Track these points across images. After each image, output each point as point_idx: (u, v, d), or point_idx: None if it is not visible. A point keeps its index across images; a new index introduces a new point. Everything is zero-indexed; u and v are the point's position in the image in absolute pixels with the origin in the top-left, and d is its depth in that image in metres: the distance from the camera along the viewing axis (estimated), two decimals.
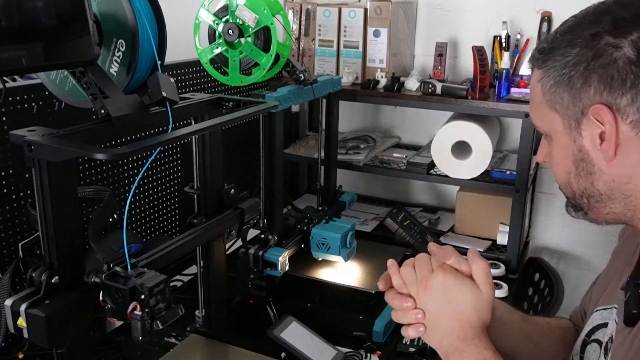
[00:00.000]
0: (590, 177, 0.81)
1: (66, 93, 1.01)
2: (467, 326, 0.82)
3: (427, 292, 0.84)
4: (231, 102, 1.20)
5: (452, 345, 0.82)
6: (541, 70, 0.81)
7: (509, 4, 1.99)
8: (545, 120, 0.83)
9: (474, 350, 0.81)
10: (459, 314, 0.83)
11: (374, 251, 1.68)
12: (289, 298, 1.48)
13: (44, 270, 0.89)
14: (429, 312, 0.84)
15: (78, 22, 0.86)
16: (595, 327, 0.91)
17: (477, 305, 0.83)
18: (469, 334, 0.82)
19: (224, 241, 1.29)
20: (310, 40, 2.06)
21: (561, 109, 0.79)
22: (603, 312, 0.91)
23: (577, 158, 0.81)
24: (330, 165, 1.75)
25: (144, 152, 1.33)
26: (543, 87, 0.80)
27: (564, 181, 0.86)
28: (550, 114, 0.81)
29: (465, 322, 0.82)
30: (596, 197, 0.83)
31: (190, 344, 1.26)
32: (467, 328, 0.82)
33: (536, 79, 0.83)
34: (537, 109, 0.84)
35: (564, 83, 0.78)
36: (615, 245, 1.03)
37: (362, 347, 1.35)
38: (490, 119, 1.93)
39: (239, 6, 1.34)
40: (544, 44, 0.82)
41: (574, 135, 0.79)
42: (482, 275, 0.84)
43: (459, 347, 0.81)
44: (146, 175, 1.52)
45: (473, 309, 0.83)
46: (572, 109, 0.78)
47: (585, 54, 0.75)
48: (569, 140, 0.80)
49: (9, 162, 1.16)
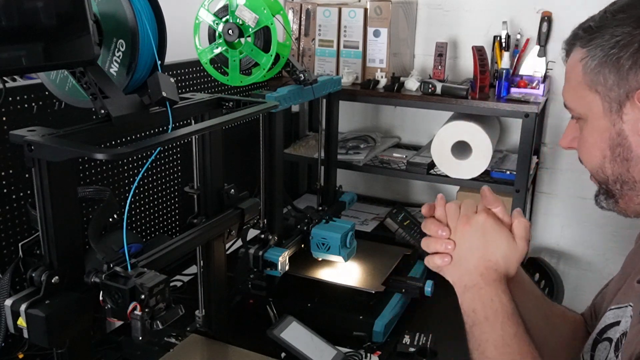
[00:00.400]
0: (626, 163, 0.79)
1: (66, 93, 1.01)
2: (492, 268, 0.84)
3: (465, 227, 0.87)
4: (231, 102, 1.20)
5: (473, 281, 0.84)
6: (585, 49, 0.78)
7: (509, 4, 1.99)
8: (582, 101, 0.81)
9: (492, 290, 0.82)
10: (488, 255, 0.85)
11: (374, 251, 1.68)
12: (289, 298, 1.48)
13: (44, 270, 0.88)
14: (460, 247, 0.86)
15: (78, 22, 0.86)
16: (607, 325, 0.91)
17: (508, 254, 0.85)
18: (492, 275, 0.84)
19: (224, 241, 1.29)
20: (310, 40, 2.06)
21: (603, 91, 0.77)
22: (616, 311, 0.90)
23: (614, 142, 0.79)
24: (330, 165, 1.75)
25: (144, 152, 1.33)
26: (585, 67, 0.78)
27: (597, 165, 0.82)
28: (590, 95, 0.79)
29: (493, 264, 0.84)
30: (630, 184, 0.80)
31: (190, 344, 1.26)
32: (492, 270, 0.84)
33: (577, 59, 0.80)
34: (573, 90, 0.82)
35: (611, 63, 0.75)
36: (628, 247, 1.01)
37: (362, 347, 1.35)
38: (490, 119, 1.93)
39: (239, 6, 1.34)
40: (590, 22, 0.79)
41: (613, 118, 0.77)
42: (521, 231, 0.87)
43: (479, 284, 0.83)
44: (146, 175, 1.52)
45: (503, 256, 0.85)
46: (616, 91, 0.76)
47: (638, 35, 0.73)
48: (607, 124, 0.78)
49: (9, 162, 1.16)
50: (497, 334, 0.79)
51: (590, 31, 0.78)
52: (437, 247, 0.89)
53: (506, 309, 0.81)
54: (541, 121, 2.01)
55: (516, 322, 0.80)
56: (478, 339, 0.81)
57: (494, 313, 0.81)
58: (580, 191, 2.05)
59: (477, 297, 0.83)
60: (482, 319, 0.81)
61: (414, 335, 1.40)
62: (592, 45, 0.77)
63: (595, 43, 0.77)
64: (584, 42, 0.79)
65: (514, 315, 0.81)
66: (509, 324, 0.80)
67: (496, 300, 0.82)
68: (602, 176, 0.83)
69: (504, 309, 0.81)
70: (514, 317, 0.81)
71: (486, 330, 0.80)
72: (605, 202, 0.85)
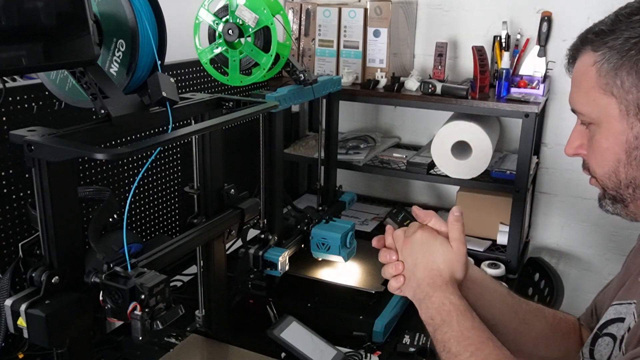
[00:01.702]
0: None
1: (66, 93, 1.01)
2: (436, 275, 0.89)
3: (406, 246, 0.93)
4: (231, 102, 1.20)
5: (423, 292, 0.89)
6: (598, 53, 0.78)
7: (509, 4, 1.99)
8: (595, 106, 0.80)
9: (441, 295, 0.87)
10: (430, 264, 0.90)
11: (374, 251, 1.67)
12: (289, 298, 1.48)
13: (44, 270, 0.88)
14: (407, 264, 0.92)
15: (78, 22, 0.86)
16: (608, 321, 0.91)
17: (446, 258, 0.90)
18: (437, 281, 0.89)
19: (224, 241, 1.29)
20: (310, 40, 2.06)
21: (619, 94, 0.77)
22: (619, 307, 0.90)
23: (631, 146, 0.78)
24: (330, 165, 1.75)
25: (144, 152, 1.33)
26: (600, 70, 0.78)
27: (610, 170, 0.81)
28: (604, 99, 0.78)
29: (435, 271, 0.89)
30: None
31: (190, 344, 1.26)
32: (436, 277, 0.89)
33: (588, 63, 0.80)
34: (585, 95, 0.81)
35: (628, 65, 0.75)
36: (628, 247, 1.02)
37: (362, 347, 1.35)
38: (490, 119, 1.93)
39: (239, 6, 1.34)
40: (601, 26, 0.79)
41: (631, 121, 0.77)
42: (454, 233, 0.92)
43: (428, 293, 0.88)
44: (146, 175, 1.52)
45: (442, 261, 0.90)
46: (634, 94, 0.76)
47: None
48: (623, 127, 0.78)
49: (9, 162, 1.16)
50: (455, 330, 0.83)
51: (602, 34, 0.78)
52: (391, 272, 0.94)
53: (458, 307, 0.85)
54: (541, 121, 2.01)
55: (470, 316, 0.85)
56: (442, 341, 0.84)
57: (448, 314, 0.85)
58: (580, 191, 2.05)
59: (431, 305, 0.87)
60: (440, 323, 0.85)
61: (414, 335, 1.40)
62: (605, 48, 0.77)
63: (610, 46, 0.77)
64: (596, 45, 0.78)
65: (467, 311, 0.85)
66: (464, 319, 0.84)
67: (447, 303, 0.86)
68: (614, 181, 0.82)
69: (455, 308, 0.85)
70: (467, 312, 0.85)
71: (446, 331, 0.84)
72: (612, 207, 0.85)
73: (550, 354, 1.03)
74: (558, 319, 1.06)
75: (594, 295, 1.07)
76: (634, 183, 0.80)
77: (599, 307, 1.02)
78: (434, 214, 0.95)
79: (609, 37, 0.77)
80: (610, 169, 0.81)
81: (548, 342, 1.03)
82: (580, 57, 0.82)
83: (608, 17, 0.80)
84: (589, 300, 1.08)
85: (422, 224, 0.95)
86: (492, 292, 1.00)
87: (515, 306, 1.02)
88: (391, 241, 0.96)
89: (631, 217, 0.85)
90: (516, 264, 1.79)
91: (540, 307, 1.06)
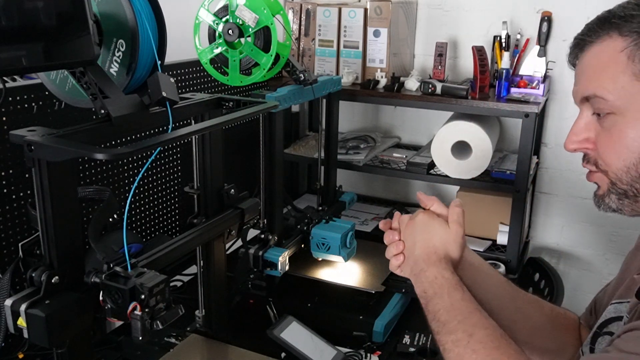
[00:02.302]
0: None
1: (66, 93, 1.01)
2: (432, 252, 0.94)
3: (408, 227, 0.99)
4: (231, 102, 1.20)
5: (419, 267, 0.94)
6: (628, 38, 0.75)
7: (509, 4, 1.99)
8: (624, 93, 0.76)
9: (434, 270, 0.92)
10: (426, 242, 0.95)
11: (374, 251, 1.68)
12: (289, 298, 1.48)
13: (44, 270, 0.88)
14: (407, 244, 0.98)
15: (78, 22, 0.86)
16: (608, 319, 0.91)
17: (442, 238, 0.95)
18: (432, 258, 0.94)
19: (224, 241, 1.29)
20: (310, 40, 2.06)
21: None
22: (618, 306, 0.90)
23: None
24: (330, 165, 1.75)
25: (144, 152, 1.33)
26: (632, 56, 0.75)
27: (630, 164, 0.78)
28: (634, 87, 0.75)
29: (431, 249, 0.95)
30: None
31: (190, 344, 1.26)
32: (431, 254, 0.94)
33: (616, 48, 0.76)
34: (612, 81, 0.77)
35: None
36: (628, 247, 1.01)
37: (362, 347, 1.35)
38: (490, 119, 1.93)
39: (239, 6, 1.34)
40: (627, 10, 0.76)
41: None
42: (453, 216, 0.97)
43: (423, 268, 0.93)
44: (146, 175, 1.52)
45: (439, 239, 0.95)
46: None
47: None
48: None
49: (9, 162, 1.16)
50: (445, 301, 0.87)
51: (631, 18, 0.75)
52: (392, 250, 1.00)
53: (449, 281, 0.90)
54: (541, 121, 2.01)
55: (460, 289, 0.89)
56: (432, 312, 0.88)
57: (440, 287, 0.89)
58: (580, 191, 2.05)
59: (425, 279, 0.92)
60: (432, 295, 0.90)
61: (414, 335, 1.40)
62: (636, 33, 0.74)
63: None
64: (624, 30, 0.76)
65: (458, 285, 0.89)
66: (454, 292, 0.88)
67: (439, 277, 0.91)
68: (632, 175, 0.78)
69: (447, 282, 0.90)
70: (458, 286, 0.89)
71: (437, 302, 0.88)
72: (618, 203, 0.82)
73: (545, 346, 1.04)
74: (557, 312, 1.06)
75: (593, 295, 1.07)
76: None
77: (598, 305, 1.02)
78: (436, 199, 1.01)
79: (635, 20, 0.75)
80: (632, 161, 0.77)
81: (543, 333, 1.04)
82: (600, 42, 0.79)
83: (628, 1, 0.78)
84: (589, 300, 1.08)
85: (425, 208, 1.01)
86: (489, 278, 1.03)
87: (513, 294, 1.04)
88: (397, 224, 1.02)
89: (635, 212, 0.83)
90: (516, 264, 1.79)
91: (539, 300, 1.08)
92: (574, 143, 0.85)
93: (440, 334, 0.85)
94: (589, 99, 0.81)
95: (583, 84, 0.81)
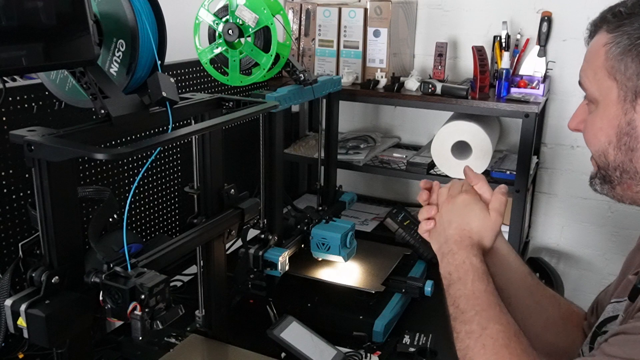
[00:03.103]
0: (630, 153, 0.80)
1: (66, 93, 1.01)
2: (465, 235, 0.95)
3: (447, 204, 0.99)
4: (231, 102, 1.20)
5: (449, 248, 0.94)
6: (611, 35, 0.78)
7: (509, 4, 1.99)
8: (599, 85, 0.81)
9: (464, 254, 0.92)
10: (463, 225, 0.96)
11: (374, 251, 1.68)
12: (289, 298, 1.48)
13: (44, 270, 0.88)
14: (441, 220, 0.98)
15: (78, 22, 0.86)
16: (607, 319, 0.91)
17: (480, 224, 0.96)
18: (465, 241, 0.94)
19: (224, 241, 1.29)
20: (310, 40, 2.06)
21: (621, 79, 0.78)
22: (616, 305, 0.91)
23: (622, 131, 0.79)
24: (330, 165, 1.75)
25: (144, 152, 1.32)
26: (608, 53, 0.78)
27: (601, 150, 0.83)
28: (607, 81, 0.79)
29: (466, 232, 0.95)
30: (631, 173, 0.81)
31: (190, 344, 1.26)
32: (465, 237, 0.95)
33: (601, 43, 0.80)
34: (593, 73, 0.82)
35: (635, 53, 0.76)
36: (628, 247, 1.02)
37: (362, 347, 1.35)
38: (490, 119, 1.93)
39: (239, 6, 1.34)
40: (621, 7, 0.79)
41: (626, 107, 0.78)
42: (495, 204, 0.97)
43: (453, 250, 0.94)
44: (146, 175, 1.52)
45: (476, 225, 0.95)
46: (634, 81, 0.76)
47: None
48: (618, 112, 0.79)
49: (9, 162, 1.16)
50: (468, 289, 0.87)
51: (619, 17, 0.78)
52: (424, 214, 1.01)
53: (476, 269, 0.90)
54: (541, 121, 2.01)
55: (485, 280, 0.88)
56: (453, 296, 0.89)
57: (465, 273, 0.89)
58: (580, 191, 2.05)
59: (452, 261, 0.92)
60: (456, 279, 0.90)
61: (414, 335, 1.40)
62: (619, 32, 0.77)
63: (623, 30, 0.77)
64: (611, 27, 0.79)
65: (484, 275, 0.89)
66: (479, 281, 0.88)
67: (467, 262, 0.90)
68: (603, 161, 0.83)
69: (474, 269, 0.90)
70: (484, 276, 0.89)
71: (459, 288, 0.88)
72: (600, 187, 0.87)
73: (557, 342, 1.05)
74: (571, 311, 1.07)
75: (594, 295, 1.07)
76: (622, 167, 0.81)
77: (600, 305, 1.03)
78: (482, 178, 1.01)
79: (624, 20, 0.77)
80: (601, 148, 0.83)
81: (557, 329, 1.04)
82: (596, 34, 0.82)
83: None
84: (589, 300, 1.08)
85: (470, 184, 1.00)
86: (514, 269, 1.03)
87: (532, 287, 1.04)
88: (436, 197, 1.03)
89: (618, 198, 0.86)
90: None
91: (557, 295, 1.08)
92: (572, 123, 0.90)
93: (456, 321, 0.86)
94: (580, 84, 0.86)
95: (581, 70, 0.86)
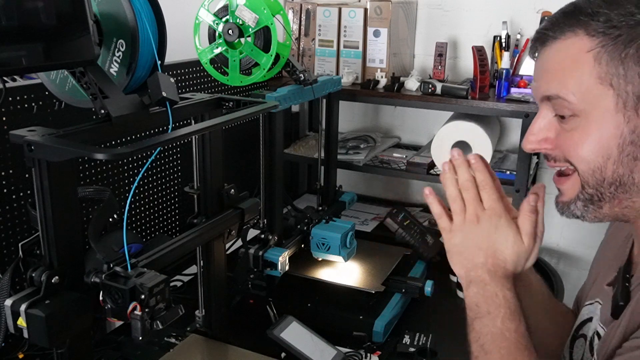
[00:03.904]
0: (633, 163, 0.72)
1: (66, 93, 1.01)
2: (500, 264, 0.84)
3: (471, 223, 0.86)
4: (231, 102, 1.20)
5: (479, 277, 0.83)
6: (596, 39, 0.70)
7: (509, 4, 1.99)
8: (587, 96, 0.72)
9: (497, 286, 0.82)
10: (496, 253, 0.84)
11: (374, 251, 1.68)
12: (289, 298, 1.48)
13: (44, 270, 0.88)
14: (468, 240, 0.86)
15: (78, 22, 0.86)
16: (582, 322, 0.90)
17: (515, 251, 0.84)
18: (499, 271, 0.83)
19: (224, 241, 1.29)
20: (310, 40, 2.06)
21: (619, 84, 0.70)
22: (589, 307, 0.90)
23: (625, 141, 0.71)
24: (330, 165, 1.75)
25: (144, 152, 1.32)
26: (598, 58, 0.70)
27: (596, 167, 0.74)
28: (599, 89, 0.71)
29: (501, 260, 0.84)
30: (627, 186, 0.74)
31: (190, 344, 1.26)
32: (499, 266, 0.83)
33: (582, 49, 0.71)
34: (576, 83, 0.72)
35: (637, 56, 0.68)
36: None
37: (362, 347, 1.35)
38: (490, 119, 1.93)
39: (239, 6, 1.34)
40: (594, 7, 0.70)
41: (628, 114, 0.70)
42: (527, 227, 0.85)
43: (485, 280, 0.83)
44: (146, 175, 1.52)
45: (510, 254, 0.84)
46: (636, 85, 0.69)
47: None
48: (618, 120, 0.71)
49: (9, 162, 1.16)
50: (497, 328, 0.79)
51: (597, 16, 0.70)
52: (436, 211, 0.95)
53: (509, 304, 0.81)
54: None
55: (518, 318, 0.80)
56: (478, 332, 0.81)
57: (497, 308, 0.80)
58: None
59: (482, 292, 0.82)
60: (485, 313, 0.81)
61: (414, 335, 1.40)
62: (609, 34, 0.69)
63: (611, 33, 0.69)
64: (590, 29, 0.71)
65: (517, 312, 0.81)
66: (510, 320, 0.80)
67: (500, 296, 0.81)
68: (597, 178, 0.75)
69: (507, 304, 0.81)
70: (516, 313, 0.80)
71: (487, 324, 0.80)
72: (582, 210, 0.80)
73: None
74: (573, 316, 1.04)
75: None
76: (619, 181, 0.74)
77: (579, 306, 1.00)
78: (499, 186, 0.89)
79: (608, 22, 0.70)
80: (597, 165, 0.74)
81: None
82: (563, 39, 0.73)
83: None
84: None
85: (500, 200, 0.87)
86: (534, 291, 0.96)
87: (549, 306, 0.99)
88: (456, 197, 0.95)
89: (599, 219, 0.82)
90: None
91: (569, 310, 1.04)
92: (531, 143, 0.81)
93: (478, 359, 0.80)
94: (550, 99, 0.76)
95: (545, 82, 0.77)
